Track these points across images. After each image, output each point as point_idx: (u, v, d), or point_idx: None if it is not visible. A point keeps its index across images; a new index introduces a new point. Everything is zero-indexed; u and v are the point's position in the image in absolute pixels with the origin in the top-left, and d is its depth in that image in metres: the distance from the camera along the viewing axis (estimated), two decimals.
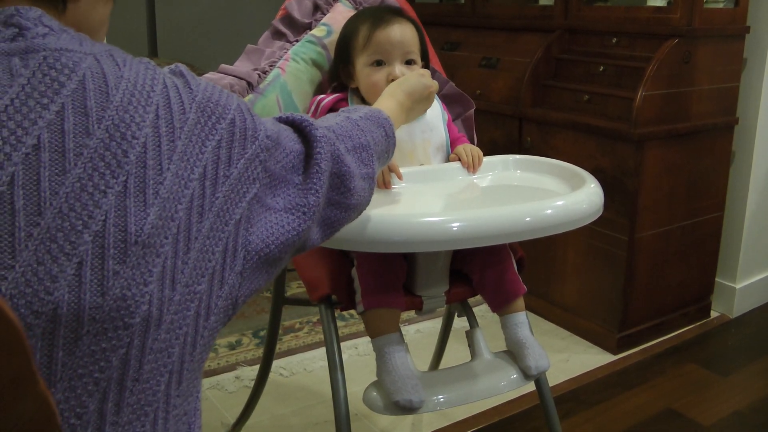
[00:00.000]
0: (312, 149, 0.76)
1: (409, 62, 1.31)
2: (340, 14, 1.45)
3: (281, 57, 1.41)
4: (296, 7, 1.46)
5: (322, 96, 1.34)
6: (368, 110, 0.94)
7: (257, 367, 1.76)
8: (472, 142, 1.47)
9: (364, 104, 1.27)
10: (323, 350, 2.20)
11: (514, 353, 1.24)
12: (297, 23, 1.45)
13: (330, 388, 1.23)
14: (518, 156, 1.42)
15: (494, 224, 1.05)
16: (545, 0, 2.58)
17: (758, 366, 2.22)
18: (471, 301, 1.37)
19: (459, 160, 1.34)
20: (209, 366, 2.13)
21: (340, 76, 1.37)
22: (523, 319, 1.26)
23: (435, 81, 1.20)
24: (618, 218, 2.17)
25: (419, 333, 2.36)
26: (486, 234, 1.05)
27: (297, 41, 1.44)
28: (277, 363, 2.12)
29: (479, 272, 1.27)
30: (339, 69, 1.36)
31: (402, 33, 1.30)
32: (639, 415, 1.94)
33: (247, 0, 3.48)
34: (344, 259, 1.27)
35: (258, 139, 0.69)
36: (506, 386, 1.21)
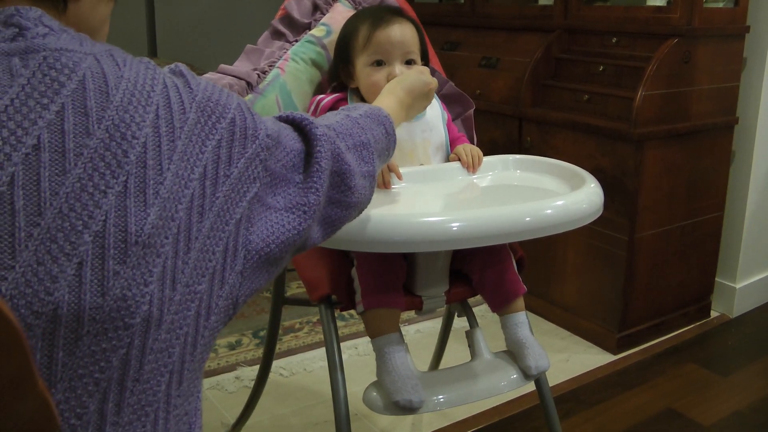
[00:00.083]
0: (312, 148, 0.76)
1: (409, 62, 1.31)
2: (340, 14, 1.45)
3: (281, 57, 1.41)
4: (295, 7, 1.46)
5: (322, 96, 1.34)
6: (368, 108, 0.94)
7: (257, 367, 1.75)
8: (472, 142, 1.47)
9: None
10: (323, 350, 2.20)
11: (514, 353, 1.24)
12: (296, 23, 1.45)
13: (330, 388, 1.22)
14: (518, 156, 1.42)
15: (494, 224, 1.05)
16: (545, 0, 2.58)
17: (758, 366, 2.22)
18: (471, 301, 1.37)
19: (459, 160, 1.34)
20: (209, 366, 2.13)
21: (340, 76, 1.37)
22: (523, 319, 1.26)
23: (434, 78, 1.20)
24: (618, 218, 2.17)
25: (419, 333, 2.36)
26: (486, 234, 1.05)
27: (296, 41, 1.44)
28: (277, 363, 2.12)
29: (479, 272, 1.27)
30: (339, 69, 1.36)
31: (402, 33, 1.30)
32: (639, 415, 1.94)
33: (247, 0, 3.48)
34: (344, 259, 1.27)
35: (258, 138, 0.69)
36: (506, 386, 1.21)
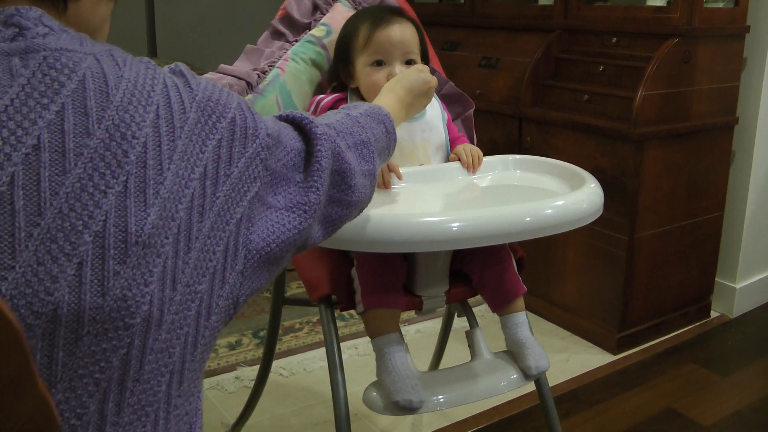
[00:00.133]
0: (312, 147, 0.76)
1: (409, 62, 1.31)
2: (340, 14, 1.45)
3: (280, 57, 1.41)
4: (295, 7, 1.46)
5: (322, 96, 1.34)
6: (368, 107, 0.94)
7: (257, 367, 1.75)
8: (472, 142, 1.47)
9: None
10: (323, 350, 2.20)
11: (514, 353, 1.24)
12: (296, 23, 1.45)
13: (330, 388, 1.22)
14: (518, 156, 1.42)
15: (494, 224, 1.05)
16: (545, 0, 2.58)
17: (758, 366, 2.22)
18: (471, 301, 1.37)
19: (459, 160, 1.34)
20: (209, 366, 2.13)
21: (340, 76, 1.37)
22: (523, 319, 1.26)
23: (434, 77, 1.20)
24: (618, 218, 2.17)
25: (419, 333, 2.36)
26: (486, 234, 1.05)
27: (296, 41, 1.44)
28: (277, 363, 2.12)
29: (479, 272, 1.27)
30: (339, 69, 1.36)
31: (402, 33, 1.30)
32: (639, 415, 1.94)
33: (247, 0, 3.48)
34: (344, 259, 1.27)
35: (259, 138, 0.69)
36: (506, 386, 1.21)
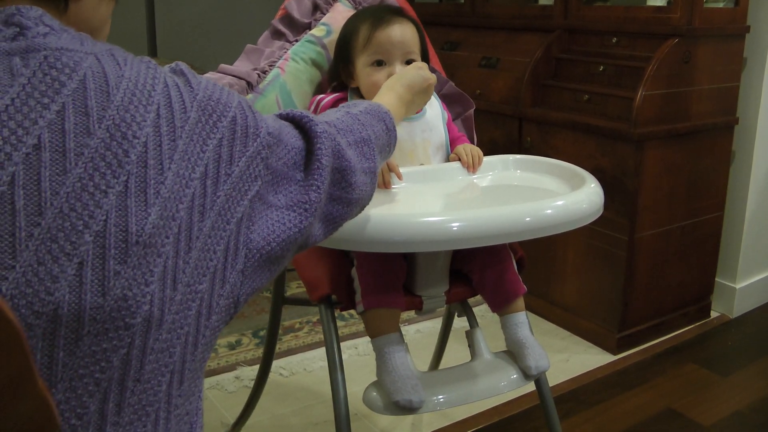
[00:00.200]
0: (313, 145, 0.76)
1: (410, 62, 1.30)
2: (340, 14, 1.45)
3: (281, 57, 1.41)
4: (296, 7, 1.46)
5: (322, 96, 1.34)
6: (368, 104, 0.94)
7: (257, 367, 1.75)
8: (472, 142, 1.47)
9: None
10: (323, 350, 2.20)
11: (514, 353, 1.24)
12: (296, 23, 1.45)
13: (330, 388, 1.22)
14: (518, 156, 1.42)
15: (494, 224, 1.05)
16: (545, 0, 2.58)
17: (758, 366, 2.22)
18: (471, 301, 1.37)
19: (459, 160, 1.34)
20: (209, 366, 2.13)
21: (340, 76, 1.37)
22: (523, 319, 1.26)
23: (433, 74, 1.20)
24: (618, 218, 2.17)
25: (419, 333, 2.36)
26: (486, 234, 1.05)
27: (296, 41, 1.44)
28: (277, 363, 2.12)
29: (479, 272, 1.27)
30: (339, 68, 1.36)
31: (402, 33, 1.30)
32: (639, 415, 1.94)
33: (247, 0, 3.48)
34: (344, 259, 1.27)
35: (259, 137, 0.69)
36: (506, 386, 1.21)
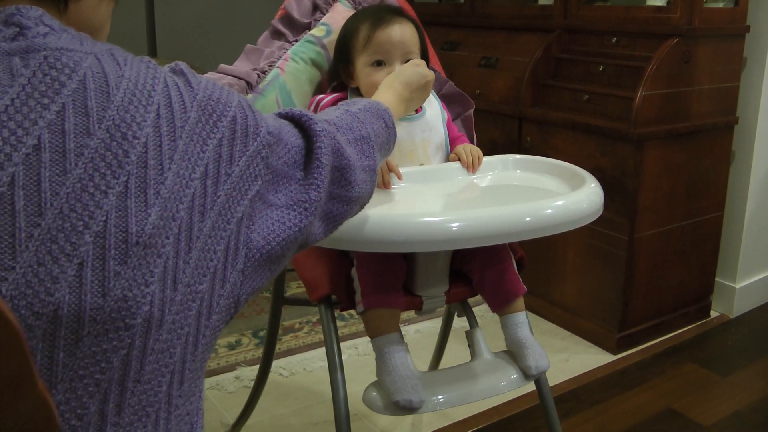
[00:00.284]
0: (312, 144, 0.76)
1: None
2: (340, 14, 1.45)
3: (280, 57, 1.41)
4: (295, 7, 1.46)
5: (322, 96, 1.34)
6: (367, 102, 0.94)
7: (257, 367, 1.75)
8: (472, 142, 1.47)
9: None
10: (323, 350, 2.20)
11: (514, 353, 1.24)
12: (296, 23, 1.45)
13: (330, 388, 1.22)
14: (518, 156, 1.42)
15: (494, 224, 1.05)
16: (545, 0, 2.58)
17: (758, 366, 2.22)
18: (471, 301, 1.37)
19: (459, 160, 1.34)
20: (209, 366, 2.13)
21: (340, 76, 1.36)
22: (523, 319, 1.26)
23: (431, 71, 1.20)
24: (618, 218, 2.17)
25: (419, 333, 2.36)
26: (486, 234, 1.05)
27: (296, 41, 1.44)
28: (277, 363, 2.12)
29: (479, 272, 1.27)
30: (339, 68, 1.36)
31: (402, 33, 1.30)
32: (639, 415, 1.94)
33: (247, 0, 3.48)
34: (344, 259, 1.26)
35: (260, 136, 0.69)
36: (506, 386, 1.21)
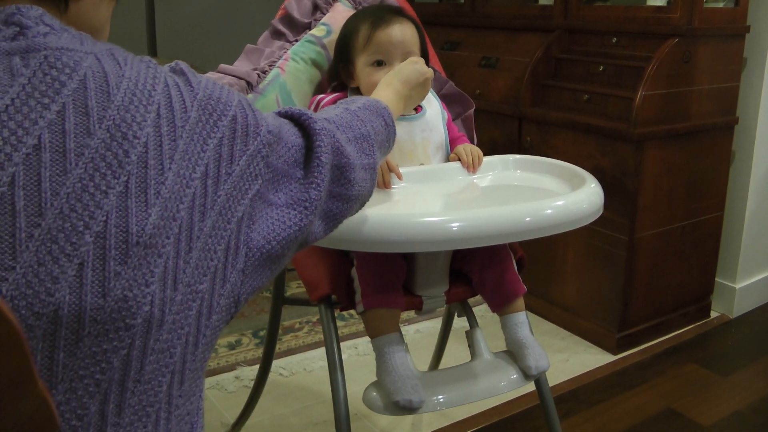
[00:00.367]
0: (312, 143, 0.76)
1: None
2: (340, 14, 1.45)
3: (281, 57, 1.41)
4: (296, 7, 1.46)
5: (322, 95, 1.34)
6: (366, 100, 0.94)
7: (257, 367, 1.75)
8: (472, 142, 1.47)
9: None
10: (323, 350, 2.20)
11: (514, 353, 1.24)
12: (296, 23, 1.45)
13: (330, 388, 1.22)
14: (518, 156, 1.42)
15: (494, 224, 1.05)
16: (545, 0, 2.58)
17: (758, 366, 2.22)
18: (471, 301, 1.37)
19: (459, 160, 1.34)
20: (209, 366, 2.13)
21: (340, 76, 1.36)
22: (523, 319, 1.26)
23: (429, 68, 1.20)
24: (618, 218, 2.17)
25: (419, 333, 2.36)
26: (486, 234, 1.05)
27: (296, 41, 1.44)
28: (277, 363, 2.12)
29: (479, 272, 1.27)
30: (339, 68, 1.36)
31: (402, 33, 1.30)
32: (639, 415, 1.94)
33: (247, 0, 3.48)
34: (344, 259, 1.26)
35: (260, 135, 0.69)
36: (506, 386, 1.21)
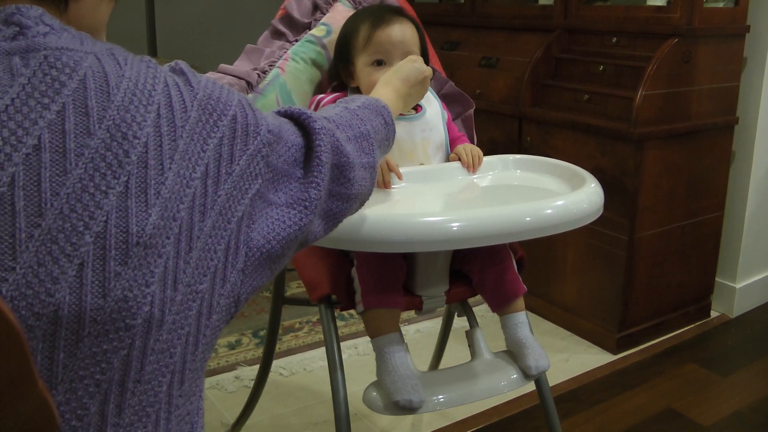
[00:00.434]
0: (312, 142, 0.76)
1: None
2: (340, 14, 1.45)
3: (281, 57, 1.41)
4: (296, 7, 1.46)
5: (322, 95, 1.34)
6: (366, 99, 0.94)
7: (257, 367, 1.75)
8: (472, 142, 1.47)
9: None
10: (323, 350, 2.20)
11: (514, 353, 1.24)
12: (296, 23, 1.45)
13: (330, 388, 1.22)
14: (518, 156, 1.42)
15: (494, 224, 1.05)
16: (545, 0, 2.58)
17: (758, 366, 2.22)
18: (471, 301, 1.37)
19: (459, 160, 1.34)
20: (209, 366, 2.13)
21: (340, 76, 1.36)
22: (523, 319, 1.26)
23: (428, 67, 1.20)
24: (618, 218, 2.17)
25: (419, 333, 2.36)
26: (486, 234, 1.05)
27: (296, 41, 1.44)
28: (277, 363, 2.12)
29: (479, 272, 1.27)
30: (339, 68, 1.36)
31: (402, 32, 1.30)
32: (639, 415, 1.94)
33: (247, 0, 3.48)
34: (344, 259, 1.26)
35: (260, 135, 0.69)
36: (506, 386, 1.21)
